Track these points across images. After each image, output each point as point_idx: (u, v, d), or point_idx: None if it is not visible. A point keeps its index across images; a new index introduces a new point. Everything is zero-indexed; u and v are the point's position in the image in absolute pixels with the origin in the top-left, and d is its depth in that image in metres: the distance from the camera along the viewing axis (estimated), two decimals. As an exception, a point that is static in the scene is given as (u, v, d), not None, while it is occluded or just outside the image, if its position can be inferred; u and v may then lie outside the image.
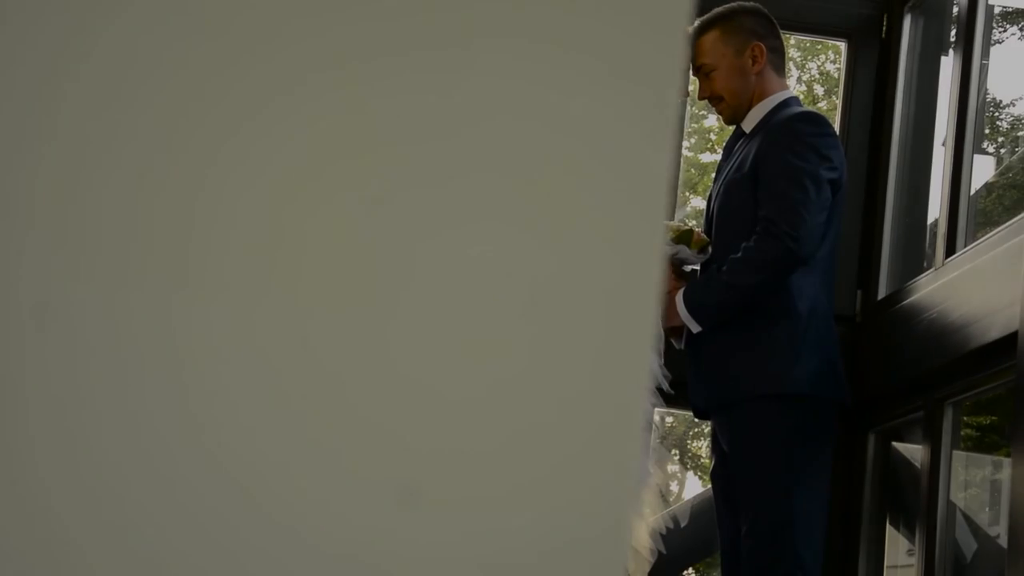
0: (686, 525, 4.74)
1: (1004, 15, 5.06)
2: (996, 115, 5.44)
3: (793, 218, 3.13)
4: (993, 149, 5.43)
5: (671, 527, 3.45)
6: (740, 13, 3.46)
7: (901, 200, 4.39)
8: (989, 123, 5.34)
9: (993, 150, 5.48)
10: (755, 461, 3.19)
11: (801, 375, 3.17)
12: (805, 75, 13.39)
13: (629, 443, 0.69)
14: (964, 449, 4.00)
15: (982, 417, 4.13)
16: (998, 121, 6.16)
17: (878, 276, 4.33)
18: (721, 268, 3.22)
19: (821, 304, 3.25)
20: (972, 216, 3.86)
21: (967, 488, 3.98)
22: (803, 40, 12.42)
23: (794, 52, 13.22)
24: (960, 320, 3.49)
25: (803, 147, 3.22)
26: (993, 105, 5.40)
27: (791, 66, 13.42)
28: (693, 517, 4.55)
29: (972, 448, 4.00)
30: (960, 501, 3.94)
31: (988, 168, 4.99)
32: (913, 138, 4.40)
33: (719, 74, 3.40)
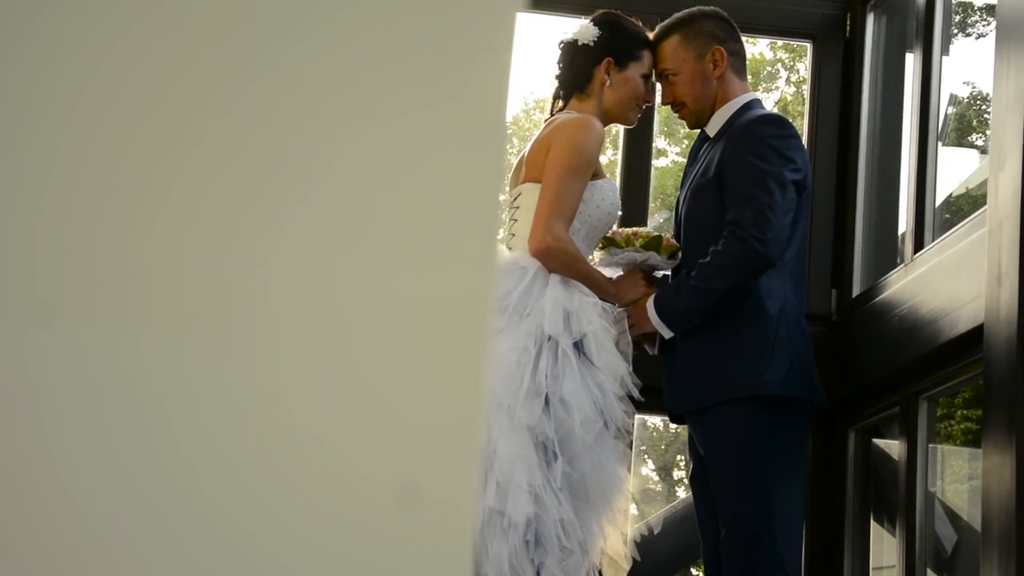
0: (671, 531, 4.74)
1: (987, 8, 5.07)
2: (984, 108, 5.45)
3: (759, 221, 3.15)
4: (982, 142, 5.44)
5: (645, 534, 3.45)
6: (700, 18, 3.48)
7: (872, 198, 4.40)
8: (977, 115, 5.35)
9: (982, 143, 5.49)
10: (731, 464, 3.20)
11: (773, 376, 3.18)
12: (794, 76, 13.38)
13: (468, 466, 0.70)
14: (964, 444, 4.00)
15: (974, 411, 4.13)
16: (986, 114, 6.18)
17: (851, 274, 4.34)
18: (690, 273, 3.24)
19: (791, 304, 3.26)
20: (940, 211, 3.87)
21: (970, 480, 3.98)
22: (790, 42, 12.44)
23: (782, 53, 13.22)
24: (929, 315, 3.50)
25: (766, 150, 3.24)
26: (980, 99, 5.41)
27: (779, 68, 13.41)
28: (678, 523, 4.56)
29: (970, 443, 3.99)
30: (952, 495, 3.95)
31: (975, 161, 5.00)
32: (881, 135, 4.42)
33: (681, 79, 3.42)
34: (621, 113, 3.45)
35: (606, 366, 3.15)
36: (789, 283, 3.28)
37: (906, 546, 3.61)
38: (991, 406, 2.89)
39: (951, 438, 3.86)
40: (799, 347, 3.24)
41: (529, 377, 3.07)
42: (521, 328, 3.14)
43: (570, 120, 3.35)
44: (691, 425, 3.36)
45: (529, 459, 2.98)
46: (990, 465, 2.82)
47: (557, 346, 3.12)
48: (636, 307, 3.32)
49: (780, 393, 3.19)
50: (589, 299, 3.23)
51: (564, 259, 3.24)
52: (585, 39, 3.44)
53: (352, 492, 0.71)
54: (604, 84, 3.40)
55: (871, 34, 4.51)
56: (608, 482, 3.10)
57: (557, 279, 3.22)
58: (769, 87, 13.23)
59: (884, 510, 3.99)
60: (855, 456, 4.18)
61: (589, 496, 3.07)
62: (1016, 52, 2.94)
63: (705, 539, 3.37)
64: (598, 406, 3.09)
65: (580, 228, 3.32)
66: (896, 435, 3.84)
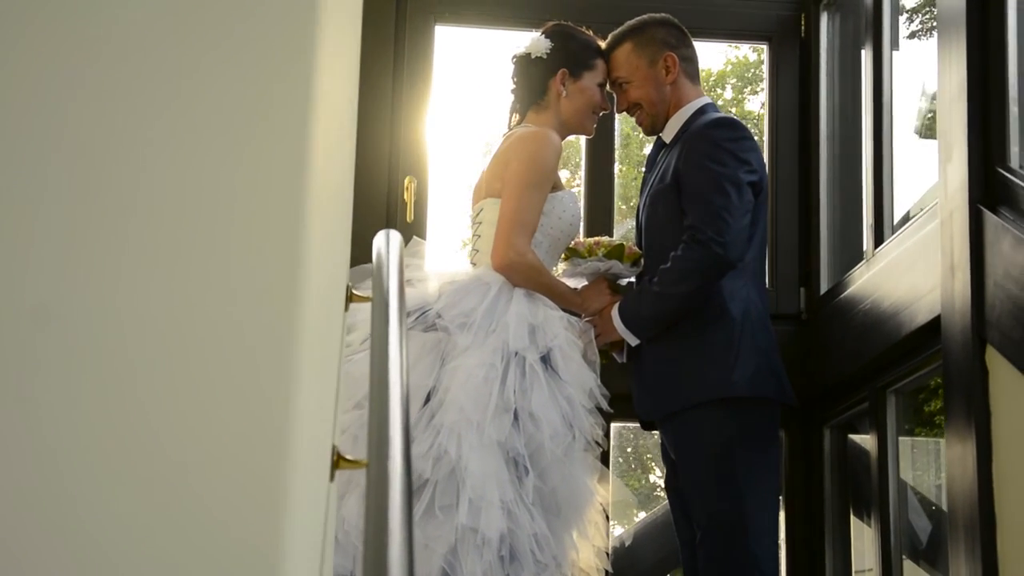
0: (653, 537, 4.74)
1: (931, 2, 5.10)
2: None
3: (718, 223, 3.16)
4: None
5: (618, 546, 3.46)
6: (651, 25, 3.50)
7: (835, 195, 4.42)
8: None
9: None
10: (702, 467, 3.21)
11: (740, 378, 3.19)
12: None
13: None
14: (935, 435, 4.02)
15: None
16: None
17: (819, 272, 4.36)
18: (652, 279, 3.25)
19: (754, 305, 3.27)
20: (919, 205, 3.88)
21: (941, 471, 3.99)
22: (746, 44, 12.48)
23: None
24: (891, 309, 3.51)
25: (721, 152, 3.25)
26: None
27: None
28: (660, 529, 4.56)
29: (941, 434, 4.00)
30: (925, 486, 3.96)
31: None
32: (841, 132, 4.44)
33: (634, 86, 3.44)
34: (579, 123, 3.46)
35: (574, 379, 3.16)
36: (751, 284, 3.29)
37: (881, 539, 3.62)
38: (951, 396, 2.90)
39: (923, 429, 3.87)
40: (765, 347, 3.25)
41: (497, 393, 3.07)
42: (487, 344, 3.15)
43: (527, 134, 3.36)
44: (662, 431, 3.37)
45: (500, 475, 2.98)
46: (953, 455, 2.83)
47: (524, 361, 3.12)
48: (601, 316, 3.33)
49: (748, 394, 3.20)
50: (554, 312, 3.24)
51: (527, 272, 3.25)
52: (538, 52, 3.45)
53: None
54: (560, 95, 3.42)
55: (826, 33, 4.54)
56: (579, 495, 3.10)
57: (521, 294, 3.23)
58: (755, 89, 13.25)
59: (863, 505, 4.00)
60: (831, 452, 4.19)
61: (561, 509, 3.07)
62: (956, 46, 2.96)
63: (682, 543, 3.38)
64: (567, 419, 3.10)
65: (543, 241, 3.34)
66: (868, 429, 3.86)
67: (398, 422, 1.60)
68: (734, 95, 13.41)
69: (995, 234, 2.75)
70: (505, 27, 4.65)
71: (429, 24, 4.60)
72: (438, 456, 2.96)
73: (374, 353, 1.84)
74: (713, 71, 13.39)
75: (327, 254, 1.38)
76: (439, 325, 3.20)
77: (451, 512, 2.91)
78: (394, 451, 1.51)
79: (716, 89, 13.57)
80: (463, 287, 3.27)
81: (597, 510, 3.16)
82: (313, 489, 1.36)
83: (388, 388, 1.69)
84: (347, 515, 2.87)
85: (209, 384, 0.71)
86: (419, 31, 4.57)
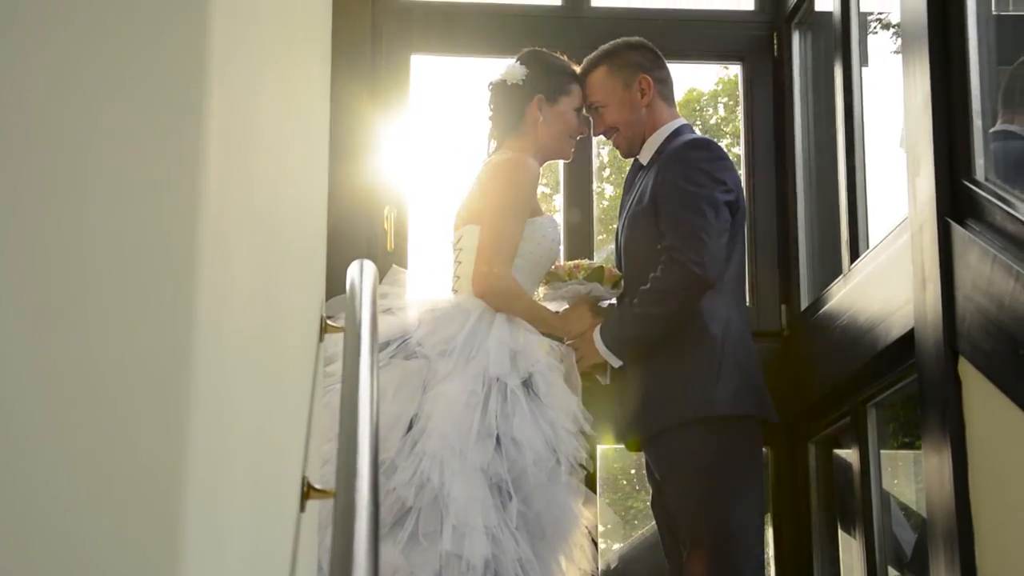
0: (643, 557, 4.74)
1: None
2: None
3: (696, 243, 3.19)
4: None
5: (605, 569, 3.46)
6: (624, 49, 3.53)
7: (812, 211, 4.45)
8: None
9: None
10: (687, 486, 3.22)
11: (723, 396, 3.21)
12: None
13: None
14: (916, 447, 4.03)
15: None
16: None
17: (799, 289, 4.38)
18: (633, 301, 3.27)
19: (735, 323, 3.30)
20: (869, 219, 3.91)
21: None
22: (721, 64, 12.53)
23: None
24: (867, 323, 3.54)
25: (697, 173, 3.28)
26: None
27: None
28: (649, 549, 4.56)
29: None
30: (908, 498, 3.97)
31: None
32: (816, 148, 4.47)
33: (610, 110, 3.48)
34: (557, 147, 3.49)
35: (556, 402, 3.17)
36: (731, 303, 3.32)
37: (866, 552, 3.64)
38: (926, 408, 2.92)
39: (904, 441, 3.89)
40: (746, 365, 3.27)
41: (479, 419, 3.08)
42: (468, 370, 3.16)
43: (505, 161, 3.39)
44: (646, 451, 3.39)
45: (484, 501, 2.99)
46: (930, 466, 2.85)
47: (505, 387, 3.14)
48: (583, 339, 3.35)
49: (731, 412, 3.22)
50: (535, 337, 3.26)
51: (508, 298, 3.27)
52: (514, 79, 3.48)
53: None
54: (537, 121, 3.45)
55: (798, 51, 4.57)
56: (564, 519, 3.11)
57: (502, 319, 3.25)
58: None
59: (849, 519, 4.01)
60: (816, 468, 4.21)
61: (546, 533, 3.08)
62: (920, 61, 3.00)
63: (670, 562, 3.39)
64: (550, 443, 3.11)
65: (523, 266, 3.36)
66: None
67: (366, 453, 1.62)
68: (726, 113, 13.45)
69: (963, 246, 2.78)
70: (481, 55, 4.68)
71: (405, 54, 4.64)
72: (421, 483, 2.97)
73: (345, 383, 1.86)
74: (704, 91, 13.45)
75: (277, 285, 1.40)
76: (420, 353, 3.22)
77: (435, 539, 2.92)
78: (362, 481, 1.52)
79: (708, 108, 13.61)
80: (443, 314, 3.29)
81: (583, 533, 3.17)
82: (277, 519, 1.37)
83: (357, 418, 1.70)
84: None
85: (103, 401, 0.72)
86: (396, 62, 4.61)
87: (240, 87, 0.95)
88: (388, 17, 4.62)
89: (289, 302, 1.60)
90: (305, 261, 1.95)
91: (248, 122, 1.01)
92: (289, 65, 1.54)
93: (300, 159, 1.74)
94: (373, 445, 1.66)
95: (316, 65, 2.14)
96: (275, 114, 1.27)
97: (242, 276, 0.98)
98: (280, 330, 1.47)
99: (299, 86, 1.72)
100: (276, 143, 1.30)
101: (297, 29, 1.68)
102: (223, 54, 0.79)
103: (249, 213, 1.03)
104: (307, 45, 1.90)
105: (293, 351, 1.72)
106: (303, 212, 1.86)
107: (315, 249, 2.21)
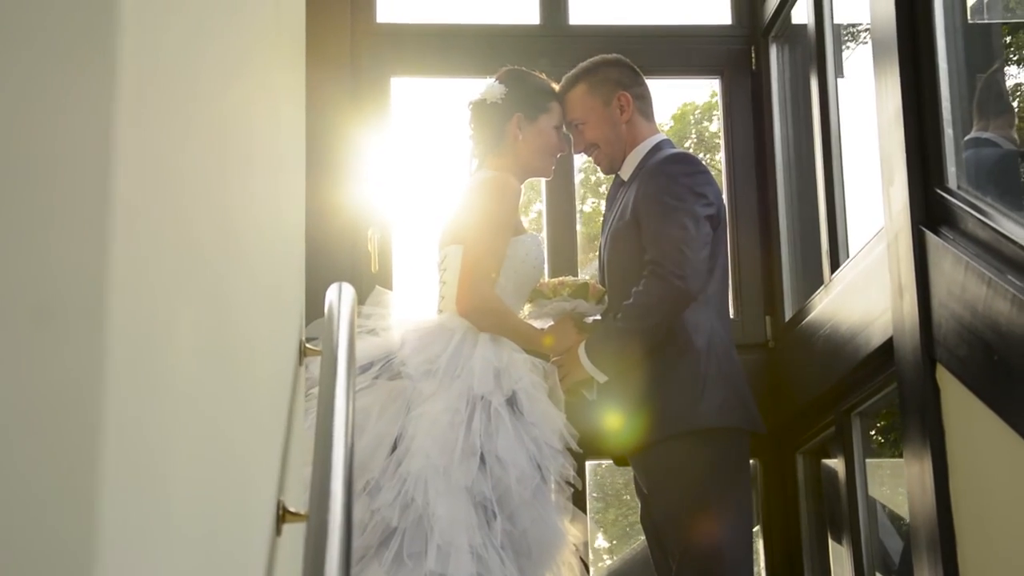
0: (636, 572, 4.74)
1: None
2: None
3: (677, 257, 3.20)
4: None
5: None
6: (603, 66, 3.55)
7: (793, 222, 4.47)
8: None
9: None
10: (675, 499, 3.23)
11: (708, 409, 3.22)
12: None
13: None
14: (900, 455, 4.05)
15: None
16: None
17: (783, 300, 4.40)
18: (616, 316, 3.28)
19: (719, 336, 3.31)
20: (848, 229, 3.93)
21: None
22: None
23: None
24: (848, 332, 3.55)
25: (677, 187, 3.30)
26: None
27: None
28: (642, 564, 4.56)
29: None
30: (895, 506, 3.98)
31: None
32: (796, 160, 4.49)
33: (590, 127, 3.49)
34: (538, 165, 3.50)
35: (540, 419, 3.17)
36: (715, 315, 3.33)
37: (854, 560, 3.65)
38: (906, 416, 2.94)
39: (889, 449, 3.90)
40: (731, 377, 3.28)
41: (463, 438, 3.08)
42: (452, 390, 3.17)
43: (485, 180, 3.40)
44: (633, 466, 3.39)
45: (469, 520, 2.99)
46: (912, 473, 2.86)
47: (489, 405, 3.14)
48: (568, 355, 3.36)
49: (716, 425, 3.23)
50: (519, 355, 3.26)
51: (492, 317, 3.28)
52: (493, 97, 3.50)
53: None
54: (517, 139, 3.46)
55: (776, 65, 4.60)
56: (550, 536, 3.10)
57: (486, 338, 3.26)
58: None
59: (837, 528, 4.02)
60: (805, 478, 4.22)
61: (532, 552, 3.08)
62: (891, 70, 3.02)
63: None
64: (534, 461, 3.11)
65: (507, 284, 3.37)
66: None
67: (340, 474, 1.62)
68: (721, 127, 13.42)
69: (937, 254, 2.79)
70: (462, 76, 4.71)
71: (386, 77, 4.66)
72: (405, 504, 2.97)
73: (320, 406, 1.86)
74: (699, 103, 13.45)
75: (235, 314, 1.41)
76: (404, 373, 3.22)
77: (420, 559, 2.92)
78: (334, 503, 1.53)
79: (704, 122, 13.61)
80: (427, 334, 3.30)
81: (571, 551, 3.17)
82: (247, 543, 1.38)
83: (332, 441, 1.71)
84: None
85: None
86: (376, 85, 4.63)
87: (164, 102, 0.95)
88: (367, 41, 4.65)
89: (255, 327, 1.61)
90: (279, 285, 1.96)
91: (178, 143, 1.02)
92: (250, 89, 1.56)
93: (266, 186, 1.75)
94: (347, 467, 1.67)
95: (288, 88, 2.15)
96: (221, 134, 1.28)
97: (174, 308, 0.98)
98: (242, 355, 1.48)
99: (263, 108, 1.73)
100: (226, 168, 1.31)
101: (258, 57, 1.70)
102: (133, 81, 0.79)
103: (184, 236, 1.03)
104: (275, 69, 1.91)
105: (265, 375, 1.73)
106: (274, 235, 1.87)
107: (291, 272, 2.22)
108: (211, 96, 1.22)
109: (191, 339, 1.05)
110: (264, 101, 1.74)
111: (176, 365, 0.98)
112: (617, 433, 3.36)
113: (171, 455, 0.95)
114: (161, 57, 0.91)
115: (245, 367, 1.48)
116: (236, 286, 1.39)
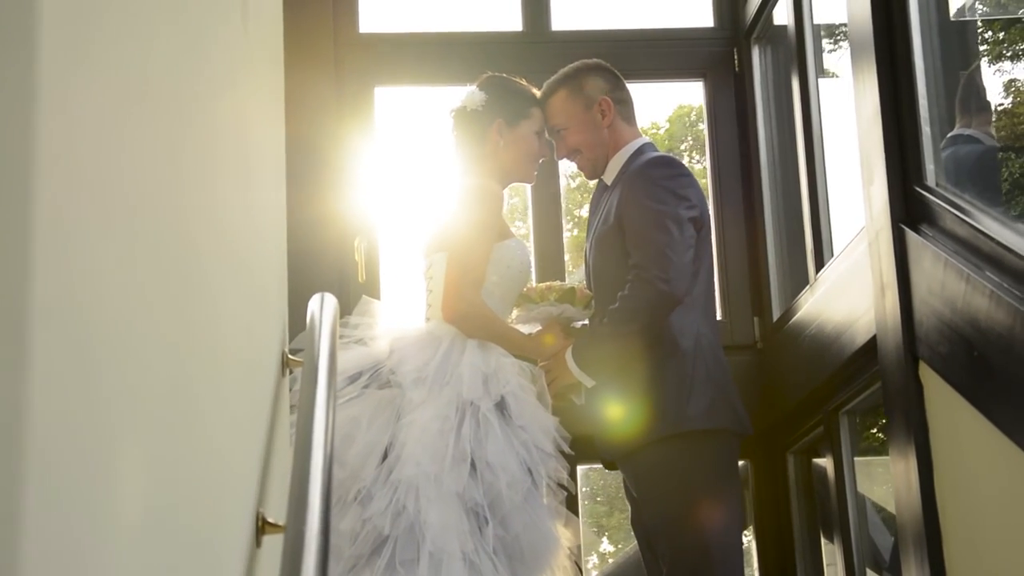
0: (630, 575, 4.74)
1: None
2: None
3: (661, 261, 3.21)
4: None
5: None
6: (583, 71, 3.56)
7: (779, 223, 4.48)
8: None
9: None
10: (664, 502, 3.23)
11: (696, 412, 3.22)
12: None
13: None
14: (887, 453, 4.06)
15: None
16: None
17: (770, 300, 4.41)
18: (603, 320, 3.29)
19: (705, 338, 3.31)
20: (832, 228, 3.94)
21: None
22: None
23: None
24: (833, 332, 3.56)
25: (660, 191, 3.30)
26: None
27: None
28: (634, 567, 4.56)
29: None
30: (885, 503, 3.99)
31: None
32: (780, 161, 4.50)
33: (571, 132, 3.50)
34: (520, 171, 3.51)
35: (531, 423, 3.17)
36: (701, 318, 3.34)
37: (844, 558, 3.65)
38: (891, 413, 2.95)
39: (878, 447, 3.91)
40: (718, 379, 3.29)
41: (453, 444, 3.09)
42: (442, 397, 3.17)
43: (468, 187, 3.41)
44: (622, 469, 3.40)
45: (460, 526, 2.99)
46: (897, 470, 2.87)
47: (478, 411, 3.15)
48: (556, 360, 3.37)
49: (705, 427, 3.23)
50: (506, 360, 3.27)
51: (479, 323, 3.29)
52: (473, 104, 3.50)
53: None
54: (499, 145, 3.46)
55: (758, 66, 4.61)
56: (542, 541, 3.10)
57: (474, 344, 3.26)
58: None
59: (828, 526, 4.03)
60: (796, 478, 4.22)
61: (525, 556, 3.08)
62: (868, 71, 3.03)
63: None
64: (525, 465, 3.11)
65: (494, 290, 3.38)
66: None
67: (318, 486, 1.63)
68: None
69: (917, 252, 2.81)
70: (446, 84, 4.72)
71: (369, 86, 4.67)
72: (397, 512, 2.98)
73: (300, 416, 1.87)
74: (694, 105, 13.46)
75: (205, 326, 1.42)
76: (393, 382, 3.23)
77: (412, 567, 2.92)
78: (312, 514, 1.54)
79: (699, 124, 13.61)
80: (415, 343, 3.31)
81: (565, 555, 3.17)
82: (220, 555, 1.39)
83: (311, 451, 1.72)
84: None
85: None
86: (360, 95, 4.64)
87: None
88: (351, 51, 4.66)
89: (235, 337, 1.62)
90: (260, 295, 1.96)
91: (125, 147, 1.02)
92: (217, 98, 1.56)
93: (243, 198, 1.76)
94: (326, 478, 1.68)
95: (263, 100, 2.16)
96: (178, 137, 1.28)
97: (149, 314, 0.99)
98: (221, 365, 1.49)
99: (235, 119, 1.73)
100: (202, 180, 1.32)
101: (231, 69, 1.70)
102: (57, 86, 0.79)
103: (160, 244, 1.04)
104: (246, 80, 1.92)
105: (245, 385, 1.74)
106: (254, 245, 1.88)
107: (273, 282, 2.23)
108: (176, 105, 1.22)
109: (165, 347, 1.06)
110: (237, 112, 1.75)
111: (149, 373, 0.98)
112: (605, 437, 3.37)
113: (137, 463, 0.96)
114: (103, 67, 0.91)
115: (224, 377, 1.49)
116: (215, 296, 1.40)
